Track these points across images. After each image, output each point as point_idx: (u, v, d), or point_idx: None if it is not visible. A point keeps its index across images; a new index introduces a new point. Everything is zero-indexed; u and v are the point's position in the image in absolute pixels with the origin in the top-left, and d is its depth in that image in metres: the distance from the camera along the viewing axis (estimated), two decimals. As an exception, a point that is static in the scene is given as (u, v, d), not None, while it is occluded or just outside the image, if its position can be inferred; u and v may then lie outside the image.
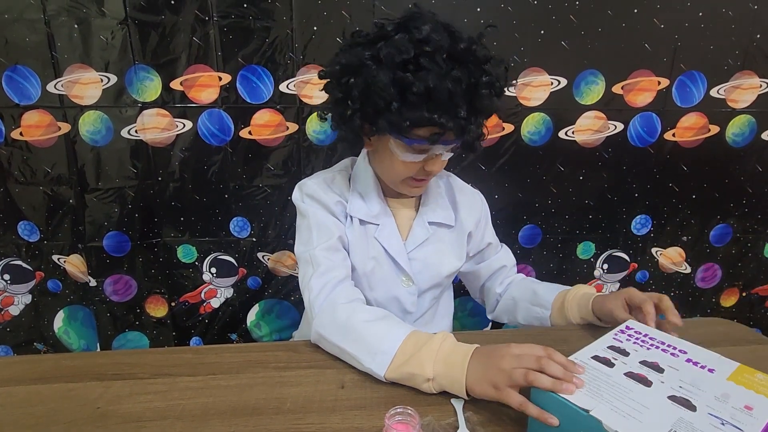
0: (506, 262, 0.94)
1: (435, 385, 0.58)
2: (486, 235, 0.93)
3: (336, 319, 0.67)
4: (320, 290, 0.71)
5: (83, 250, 1.23)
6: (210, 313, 1.34)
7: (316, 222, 0.77)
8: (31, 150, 1.15)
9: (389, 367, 0.59)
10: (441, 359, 0.58)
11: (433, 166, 0.73)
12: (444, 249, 0.86)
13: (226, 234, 1.27)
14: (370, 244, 0.81)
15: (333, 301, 0.70)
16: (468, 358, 0.57)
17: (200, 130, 1.18)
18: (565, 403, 0.47)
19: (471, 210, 0.89)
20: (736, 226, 1.37)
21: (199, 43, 1.12)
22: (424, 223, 0.84)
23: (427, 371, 0.57)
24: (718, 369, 0.53)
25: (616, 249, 1.36)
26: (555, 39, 1.16)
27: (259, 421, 0.55)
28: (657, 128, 1.25)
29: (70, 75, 1.10)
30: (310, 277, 0.73)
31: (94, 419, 0.55)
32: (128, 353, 0.79)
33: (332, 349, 0.67)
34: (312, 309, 0.71)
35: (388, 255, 0.81)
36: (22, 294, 1.28)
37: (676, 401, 0.47)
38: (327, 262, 0.74)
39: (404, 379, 0.60)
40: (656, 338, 0.60)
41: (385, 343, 0.61)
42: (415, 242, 0.83)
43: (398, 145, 0.71)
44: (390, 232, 0.82)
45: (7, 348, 1.32)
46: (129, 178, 1.19)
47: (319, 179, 0.82)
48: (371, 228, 0.81)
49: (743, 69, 1.22)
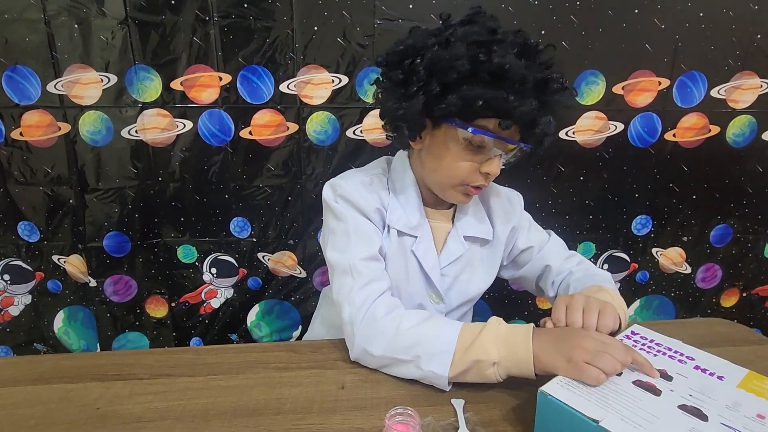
0: (551, 261, 0.84)
1: (500, 370, 0.57)
2: (520, 242, 0.85)
3: (382, 332, 0.63)
4: (362, 303, 0.65)
5: (83, 250, 1.23)
6: (210, 314, 1.34)
7: (355, 228, 0.71)
8: (31, 150, 1.15)
9: (452, 363, 0.57)
10: (502, 341, 0.57)
11: (490, 166, 0.67)
12: (476, 267, 0.81)
13: (226, 234, 1.27)
14: (406, 256, 0.76)
15: (373, 314, 0.65)
16: (530, 335, 0.57)
17: (200, 131, 1.18)
18: (573, 412, 0.46)
19: (507, 219, 0.83)
20: (736, 227, 1.37)
21: (199, 43, 1.12)
22: (459, 238, 0.78)
23: (492, 355, 0.57)
24: (727, 376, 0.52)
25: (617, 249, 1.36)
26: (555, 39, 1.16)
27: (259, 421, 0.55)
28: (657, 128, 1.25)
29: (70, 75, 1.10)
30: (351, 289, 0.67)
31: (94, 420, 0.55)
32: (128, 354, 0.79)
33: (381, 362, 0.63)
34: (353, 324, 0.65)
35: (421, 270, 0.76)
36: (22, 294, 1.28)
37: (687, 410, 0.46)
38: (369, 272, 0.68)
39: (468, 371, 0.58)
40: (662, 344, 0.59)
41: (442, 342, 0.59)
42: (448, 258, 0.78)
43: (459, 138, 0.66)
44: (427, 246, 0.76)
45: (7, 348, 1.32)
46: (129, 179, 1.19)
47: (354, 181, 0.74)
48: (408, 240, 0.75)
49: (744, 69, 1.22)
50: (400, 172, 0.77)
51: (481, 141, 0.65)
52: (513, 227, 0.83)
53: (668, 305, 1.42)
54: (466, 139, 0.66)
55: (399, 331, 0.62)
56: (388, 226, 0.74)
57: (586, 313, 0.60)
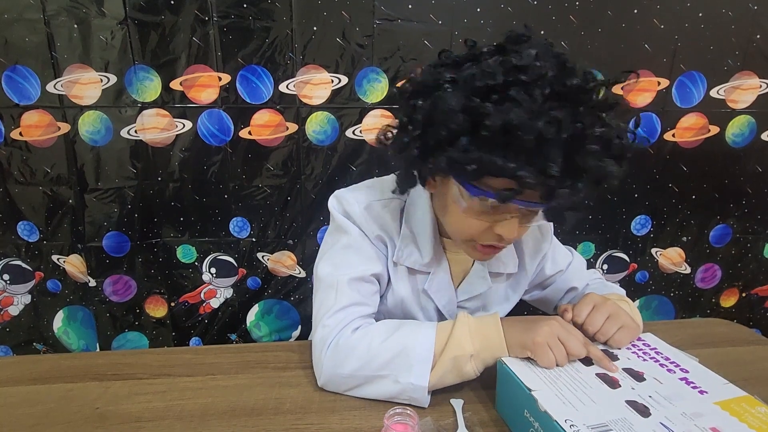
0: (576, 283, 0.78)
1: (477, 362, 0.56)
2: (548, 268, 0.78)
3: (353, 351, 0.58)
4: (336, 325, 0.60)
5: (83, 250, 1.23)
6: (209, 314, 1.34)
7: (357, 247, 0.65)
8: (31, 150, 1.15)
9: (432, 367, 0.55)
10: (476, 333, 0.57)
11: (504, 230, 0.56)
12: (497, 300, 0.75)
13: (225, 234, 1.27)
14: (418, 293, 0.70)
15: (340, 340, 0.60)
16: (499, 324, 0.57)
17: (200, 131, 1.18)
18: (516, 380, 0.51)
19: (536, 250, 0.75)
20: (735, 227, 1.37)
21: (198, 43, 1.12)
22: (484, 274, 0.71)
23: (467, 348, 0.56)
24: (712, 392, 0.49)
25: (616, 249, 1.36)
26: (555, 39, 1.15)
27: (258, 421, 0.55)
28: (657, 128, 1.25)
29: (70, 75, 1.10)
30: (329, 309, 0.62)
31: (93, 420, 0.55)
32: (128, 353, 0.79)
33: (353, 383, 0.59)
34: (323, 346, 0.60)
35: (436, 308, 0.71)
36: (22, 294, 1.28)
37: (633, 406, 0.47)
38: (353, 294, 0.63)
39: (448, 372, 0.56)
40: (663, 353, 0.57)
41: (420, 350, 0.56)
42: (468, 293, 0.72)
43: (461, 196, 0.56)
44: (441, 284, 0.70)
45: (6, 348, 1.32)
46: (129, 179, 1.19)
47: (363, 199, 0.66)
48: (421, 277, 0.69)
49: (743, 69, 1.22)
50: (420, 206, 0.67)
51: (487, 202, 0.54)
52: (543, 255, 0.77)
53: (667, 305, 1.42)
54: (469, 197, 0.55)
55: (371, 348, 0.58)
56: (395, 263, 0.67)
57: (609, 320, 0.58)
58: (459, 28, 1.13)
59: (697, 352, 0.59)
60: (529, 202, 0.52)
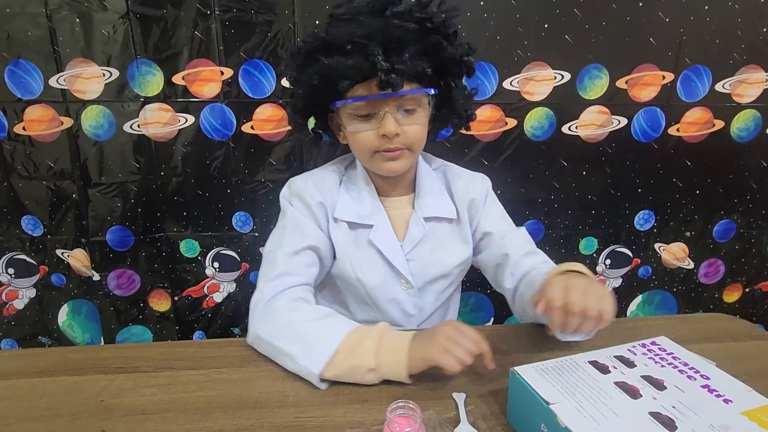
0: (510, 250, 0.78)
1: (377, 375, 0.59)
2: (483, 224, 0.81)
3: (275, 319, 0.65)
4: (268, 292, 0.68)
5: (86, 244, 1.23)
6: (213, 308, 1.35)
7: (293, 223, 0.74)
8: (34, 144, 1.15)
9: (328, 364, 0.59)
10: (383, 351, 0.60)
11: (385, 127, 0.67)
12: (445, 245, 0.80)
13: (228, 229, 1.27)
14: (364, 247, 0.77)
15: (273, 303, 0.68)
16: (407, 344, 0.60)
17: (202, 125, 1.18)
18: (532, 392, 0.48)
19: (465, 194, 0.81)
20: (739, 222, 1.36)
21: (200, 37, 1.11)
22: (419, 220, 0.78)
23: (370, 363, 0.59)
24: (736, 401, 0.47)
25: (619, 245, 1.36)
26: (559, 33, 1.15)
27: (262, 414, 0.55)
28: (661, 123, 1.24)
29: (72, 69, 1.10)
30: (263, 278, 0.71)
31: (98, 412, 0.56)
32: (132, 347, 0.79)
33: (267, 350, 0.65)
34: (254, 309, 0.68)
35: (383, 258, 0.77)
36: (27, 288, 1.28)
37: (657, 418, 0.44)
38: (286, 266, 0.71)
39: (344, 374, 0.59)
40: (681, 358, 0.54)
41: (325, 343, 0.60)
42: (412, 242, 0.78)
43: (346, 119, 0.70)
44: (385, 233, 0.77)
45: (12, 341, 1.33)
46: (132, 173, 1.19)
47: (307, 178, 0.79)
48: (365, 231, 0.77)
49: (749, 63, 1.21)
50: (354, 166, 0.80)
51: (360, 108, 0.68)
52: (472, 199, 0.81)
53: (670, 300, 1.41)
54: (350, 113, 0.69)
55: (290, 323, 0.64)
56: (336, 219, 0.76)
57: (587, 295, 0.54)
58: (462, 21, 1.12)
59: (701, 347, 0.59)
60: (376, 96, 0.66)
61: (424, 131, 0.73)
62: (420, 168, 0.80)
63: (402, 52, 0.64)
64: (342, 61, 0.64)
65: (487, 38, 1.14)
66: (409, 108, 0.69)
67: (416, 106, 0.69)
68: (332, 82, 0.66)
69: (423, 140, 0.73)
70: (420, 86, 0.68)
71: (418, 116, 0.70)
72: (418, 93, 0.68)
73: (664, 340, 0.59)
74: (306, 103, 0.74)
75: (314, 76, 0.67)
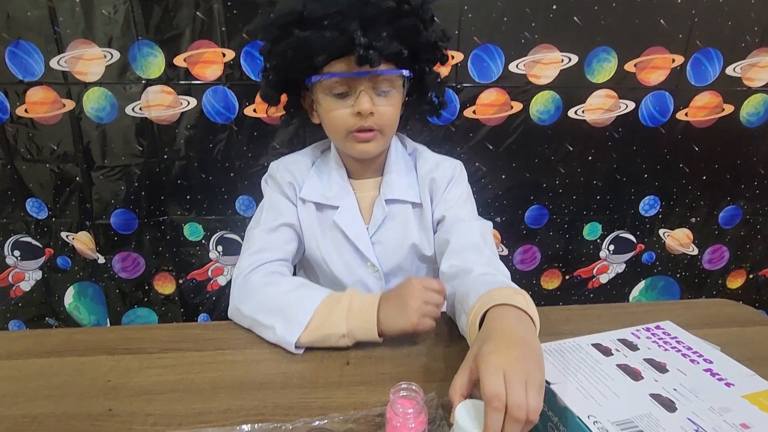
0: (454, 237, 0.73)
1: (349, 339, 0.62)
2: (439, 206, 0.78)
3: (253, 293, 0.68)
4: (246, 267, 0.72)
5: (91, 227, 1.24)
6: (217, 291, 1.36)
7: (269, 202, 0.78)
8: (37, 127, 1.15)
9: (304, 332, 0.62)
10: (353, 315, 0.62)
11: (360, 104, 0.67)
12: (408, 228, 0.79)
13: (232, 212, 1.27)
14: (329, 229, 0.78)
15: (250, 277, 0.71)
16: (376, 307, 0.62)
17: (205, 108, 1.17)
18: None
19: (426, 177, 0.79)
20: (746, 208, 1.35)
21: (202, 18, 1.10)
22: (381, 202, 0.78)
23: (341, 328, 0.62)
24: (738, 384, 0.47)
25: (623, 230, 1.36)
26: (567, 14, 1.13)
27: (266, 395, 0.56)
28: (669, 108, 1.22)
29: (73, 51, 1.09)
30: (241, 255, 0.74)
31: (106, 391, 0.57)
32: (137, 329, 0.80)
33: (247, 322, 0.68)
34: (234, 284, 0.72)
35: (348, 240, 0.77)
36: (33, 270, 1.30)
37: (657, 399, 0.45)
38: (262, 242, 0.74)
39: (319, 340, 0.62)
40: (685, 342, 0.55)
41: (300, 312, 0.63)
42: (375, 224, 0.78)
43: (321, 95, 0.70)
44: (350, 215, 0.78)
45: (19, 322, 1.35)
46: (135, 156, 1.19)
47: (283, 160, 0.82)
48: (330, 212, 0.78)
49: (761, 46, 1.18)
50: (329, 150, 0.81)
51: (336, 86, 0.68)
52: (432, 179, 0.79)
53: (674, 286, 1.41)
54: (325, 91, 0.69)
55: (267, 295, 0.67)
56: (303, 199, 0.78)
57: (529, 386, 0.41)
58: (469, 2, 1.10)
59: (704, 332, 0.59)
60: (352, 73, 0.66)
61: (397, 114, 0.74)
62: (390, 151, 0.80)
63: (379, 31, 0.64)
64: (318, 34, 0.64)
65: (493, 20, 1.12)
66: (384, 89, 0.69)
67: (391, 88, 0.70)
68: (308, 56, 0.66)
69: (395, 123, 0.74)
70: (396, 67, 0.69)
71: (392, 98, 0.71)
72: (394, 73, 0.69)
73: (668, 324, 0.59)
74: (279, 77, 0.73)
75: (289, 50, 0.67)
